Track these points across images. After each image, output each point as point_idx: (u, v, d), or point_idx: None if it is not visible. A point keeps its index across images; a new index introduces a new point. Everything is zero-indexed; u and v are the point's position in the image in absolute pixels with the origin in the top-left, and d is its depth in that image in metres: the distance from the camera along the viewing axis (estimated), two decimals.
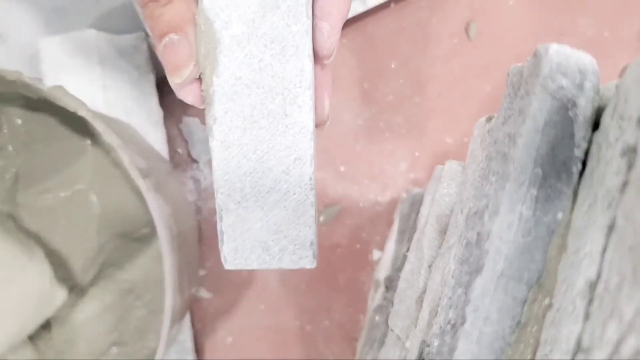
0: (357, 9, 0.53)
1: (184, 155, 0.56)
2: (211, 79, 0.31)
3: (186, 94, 0.31)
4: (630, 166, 0.22)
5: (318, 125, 0.34)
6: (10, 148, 0.48)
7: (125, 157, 0.40)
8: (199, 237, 0.54)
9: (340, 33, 0.31)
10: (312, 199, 0.33)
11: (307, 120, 0.32)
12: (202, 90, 0.31)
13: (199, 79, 0.32)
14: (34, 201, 0.48)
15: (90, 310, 0.47)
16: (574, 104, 0.24)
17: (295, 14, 0.30)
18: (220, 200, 0.32)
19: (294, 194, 0.33)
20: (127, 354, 0.47)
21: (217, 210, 0.32)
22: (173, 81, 0.30)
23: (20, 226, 0.48)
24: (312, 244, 0.33)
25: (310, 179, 0.33)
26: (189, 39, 0.30)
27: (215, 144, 0.32)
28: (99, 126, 0.42)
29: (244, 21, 0.31)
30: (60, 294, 0.45)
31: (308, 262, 0.33)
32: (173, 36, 0.29)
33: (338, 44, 0.32)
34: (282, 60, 0.31)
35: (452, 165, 0.40)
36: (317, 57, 0.32)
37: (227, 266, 0.33)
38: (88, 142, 0.48)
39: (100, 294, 0.48)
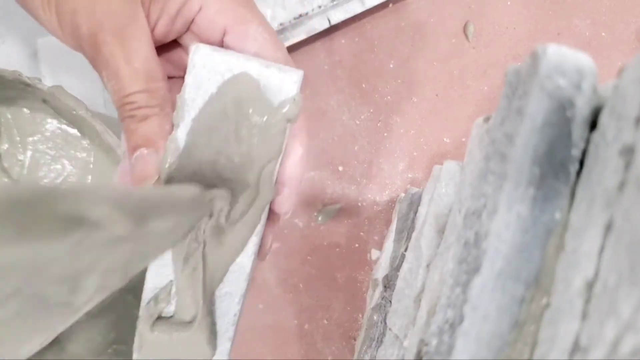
0: (356, 9, 0.53)
1: None
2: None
3: None
4: (627, 165, 0.22)
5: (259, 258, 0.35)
6: (10, 150, 0.48)
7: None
8: None
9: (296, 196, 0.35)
10: (231, 334, 0.33)
11: (247, 262, 0.33)
12: None
13: None
14: None
15: (89, 309, 0.47)
16: (572, 104, 0.24)
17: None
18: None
19: (214, 325, 0.34)
20: (126, 353, 0.47)
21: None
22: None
23: None
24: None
25: (235, 315, 0.33)
26: (158, 154, 0.31)
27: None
28: (98, 126, 0.42)
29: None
30: None
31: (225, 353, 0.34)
32: (143, 150, 0.31)
33: (295, 204, 0.36)
34: None
35: (450, 165, 0.40)
36: (274, 215, 0.35)
37: None
38: (87, 141, 0.48)
39: None
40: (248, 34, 0.32)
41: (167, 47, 0.35)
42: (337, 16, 0.53)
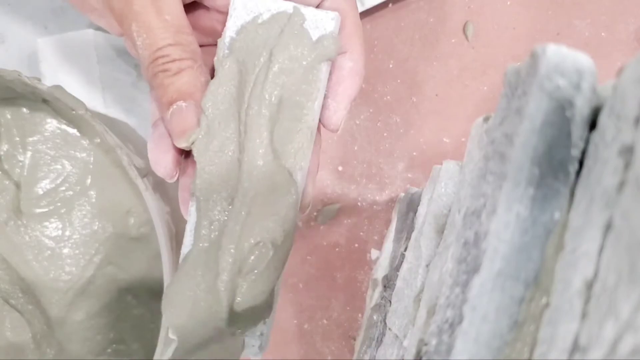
0: None
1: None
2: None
3: (159, 166, 0.33)
4: (627, 166, 0.22)
5: (301, 210, 0.34)
6: (9, 151, 0.48)
7: (124, 157, 0.40)
8: None
9: (347, 109, 0.34)
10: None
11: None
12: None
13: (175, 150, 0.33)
14: (36, 204, 0.48)
15: (89, 309, 0.47)
16: (571, 104, 0.24)
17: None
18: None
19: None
20: (126, 353, 0.47)
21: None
22: (179, 144, 0.31)
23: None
24: (261, 334, 0.33)
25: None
26: (197, 106, 0.31)
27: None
28: (98, 126, 0.42)
29: None
30: None
31: (252, 352, 0.33)
32: (181, 104, 0.31)
33: (345, 118, 0.34)
34: None
35: (449, 165, 0.40)
36: (325, 129, 0.34)
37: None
38: (87, 141, 0.48)
39: (98, 292, 0.48)
40: None
41: (194, 12, 0.35)
42: None
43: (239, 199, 0.31)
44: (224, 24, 0.34)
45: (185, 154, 0.34)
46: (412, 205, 0.48)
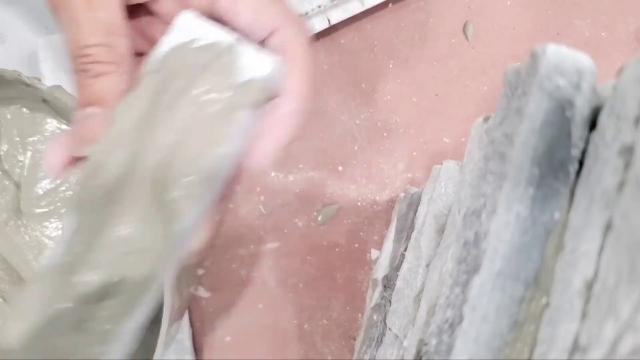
0: (355, 9, 0.53)
1: None
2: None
3: (47, 161, 0.30)
4: (627, 166, 0.22)
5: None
6: (9, 151, 0.48)
7: None
8: None
9: (275, 156, 0.30)
10: None
11: None
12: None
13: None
14: (36, 204, 0.48)
15: None
16: (571, 104, 0.24)
17: None
18: None
19: None
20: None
21: None
22: (76, 152, 0.29)
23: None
24: None
25: None
26: (108, 115, 0.28)
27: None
28: None
29: None
30: None
31: None
32: (92, 110, 0.28)
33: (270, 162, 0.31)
34: None
35: (449, 165, 0.41)
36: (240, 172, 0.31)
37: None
38: None
39: None
40: None
41: (143, 18, 0.32)
42: (337, 16, 0.53)
43: (109, 224, 0.28)
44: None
45: None
46: (412, 205, 0.48)
